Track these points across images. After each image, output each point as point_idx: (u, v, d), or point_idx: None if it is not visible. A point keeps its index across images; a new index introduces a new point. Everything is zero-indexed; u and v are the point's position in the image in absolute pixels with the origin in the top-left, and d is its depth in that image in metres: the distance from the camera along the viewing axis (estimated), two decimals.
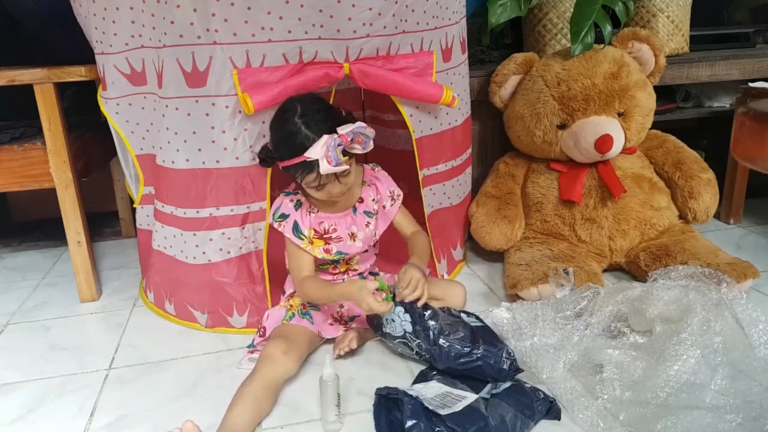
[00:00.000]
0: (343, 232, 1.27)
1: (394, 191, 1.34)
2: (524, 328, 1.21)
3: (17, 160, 1.49)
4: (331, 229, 1.26)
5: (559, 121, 1.55)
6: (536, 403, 1.04)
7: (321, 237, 1.26)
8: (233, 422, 1.01)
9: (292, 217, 1.25)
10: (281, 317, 1.26)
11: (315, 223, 1.26)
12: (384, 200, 1.32)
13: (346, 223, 1.28)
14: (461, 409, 0.97)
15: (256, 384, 1.07)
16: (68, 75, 1.43)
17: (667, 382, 1.01)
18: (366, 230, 1.29)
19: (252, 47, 1.19)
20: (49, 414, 1.13)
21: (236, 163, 1.27)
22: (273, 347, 1.14)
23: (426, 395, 1.00)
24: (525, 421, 1.01)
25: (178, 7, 1.17)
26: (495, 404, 1.02)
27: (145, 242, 1.50)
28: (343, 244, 1.27)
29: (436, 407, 0.96)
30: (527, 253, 1.52)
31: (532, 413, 1.03)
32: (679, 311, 1.15)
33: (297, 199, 1.27)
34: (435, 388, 1.05)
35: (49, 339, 1.41)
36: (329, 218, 1.27)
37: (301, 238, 1.24)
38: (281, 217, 1.25)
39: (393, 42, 1.29)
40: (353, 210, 1.29)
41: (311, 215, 1.26)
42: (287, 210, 1.25)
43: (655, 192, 1.59)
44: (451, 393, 1.03)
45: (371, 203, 1.31)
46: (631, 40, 1.58)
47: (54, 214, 1.56)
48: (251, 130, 1.25)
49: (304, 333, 1.23)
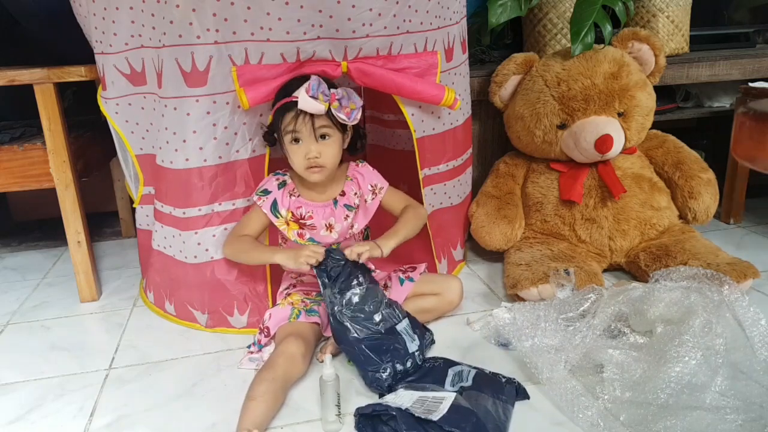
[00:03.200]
0: (319, 222, 1.28)
1: (376, 185, 1.34)
2: (525, 328, 1.21)
3: (17, 160, 1.49)
4: (307, 215, 1.27)
5: (559, 121, 1.55)
6: (506, 387, 1.07)
7: (297, 221, 1.28)
8: (258, 416, 1.01)
9: (273, 194, 1.27)
10: (286, 316, 1.26)
11: (293, 205, 1.27)
12: (365, 194, 1.33)
13: (325, 213, 1.28)
14: (448, 409, 0.97)
15: (278, 383, 1.07)
16: (68, 75, 1.43)
17: (668, 384, 1.01)
18: (344, 223, 1.30)
19: (250, 45, 1.20)
20: (48, 414, 1.13)
21: (237, 157, 1.28)
22: (294, 347, 1.14)
23: (404, 405, 1.00)
24: (505, 405, 1.03)
25: (177, 6, 1.17)
26: (473, 396, 1.03)
27: (145, 242, 1.50)
28: (317, 233, 1.28)
29: (423, 414, 0.96)
30: (527, 253, 1.52)
31: (507, 397, 1.05)
32: (681, 313, 1.15)
33: (282, 180, 1.29)
34: (407, 395, 1.04)
35: (49, 339, 1.41)
36: (308, 205, 1.28)
37: (277, 216, 1.26)
38: (263, 192, 1.28)
39: (394, 42, 1.29)
40: (334, 202, 1.30)
41: (292, 198, 1.28)
42: (270, 187, 1.28)
43: (655, 192, 1.59)
44: (426, 397, 1.03)
45: (353, 197, 1.31)
46: (631, 40, 1.58)
47: (54, 214, 1.56)
48: (249, 123, 1.27)
49: (314, 332, 1.25)
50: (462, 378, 1.11)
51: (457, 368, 1.14)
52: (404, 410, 0.97)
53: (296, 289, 1.35)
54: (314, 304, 1.30)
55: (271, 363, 1.11)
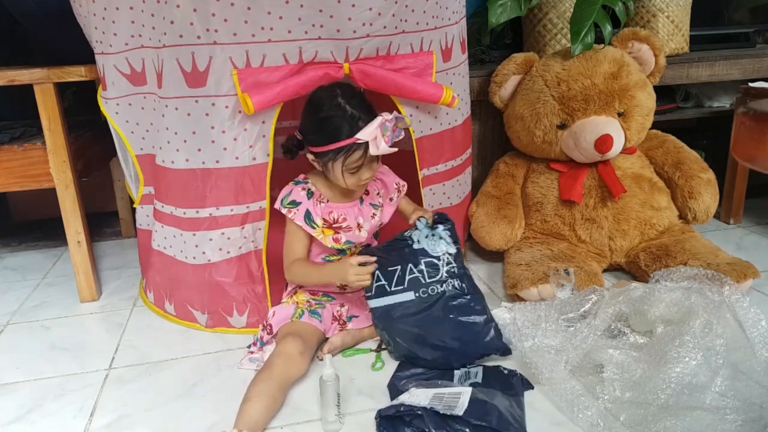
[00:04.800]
0: (352, 222, 1.29)
1: (399, 183, 1.38)
2: (525, 328, 1.21)
3: (17, 160, 1.49)
4: (341, 218, 1.28)
5: (559, 121, 1.55)
6: (512, 380, 1.09)
7: (330, 227, 1.27)
8: (252, 417, 1.01)
9: (305, 205, 1.25)
10: (289, 315, 1.26)
11: (325, 213, 1.27)
12: (391, 192, 1.36)
13: (354, 213, 1.29)
14: (469, 402, 0.98)
15: (274, 383, 1.07)
16: (68, 75, 1.43)
17: (668, 384, 1.01)
18: (372, 221, 1.31)
19: (252, 47, 1.19)
20: (48, 414, 1.13)
21: (236, 163, 1.27)
22: (291, 346, 1.14)
23: (423, 402, 1.00)
24: (517, 399, 1.05)
25: (177, 7, 1.17)
26: (486, 392, 1.04)
27: (145, 242, 1.50)
28: (352, 233, 1.29)
29: (446, 410, 0.96)
30: (527, 253, 1.52)
31: (515, 391, 1.06)
32: (681, 313, 1.15)
33: (308, 188, 1.27)
34: (422, 394, 1.04)
35: (49, 339, 1.41)
36: (338, 208, 1.28)
37: (314, 227, 1.25)
38: (291, 204, 1.25)
39: (393, 42, 1.29)
40: (360, 201, 1.31)
41: (321, 205, 1.27)
42: (299, 198, 1.26)
43: (655, 192, 1.59)
44: (443, 393, 1.03)
45: (376, 196, 1.34)
46: (631, 40, 1.58)
47: (54, 214, 1.56)
48: (251, 129, 1.25)
49: (314, 332, 1.24)
50: (470, 376, 1.12)
51: (461, 369, 1.16)
52: (429, 409, 0.97)
53: (303, 289, 1.35)
54: (319, 306, 1.30)
55: (268, 363, 1.12)
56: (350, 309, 1.33)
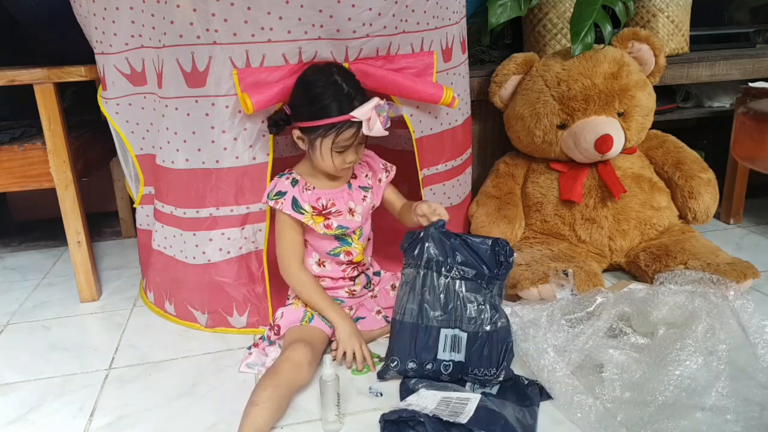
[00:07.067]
0: (342, 206, 1.27)
1: (386, 163, 1.36)
2: (527, 328, 1.21)
3: (17, 160, 1.49)
4: (330, 203, 1.26)
5: (559, 121, 1.55)
6: (529, 390, 1.07)
7: (320, 213, 1.26)
8: (259, 424, 1.00)
9: (290, 193, 1.24)
10: (299, 318, 1.25)
11: (312, 199, 1.25)
12: (379, 173, 1.34)
13: (344, 198, 1.28)
14: (475, 410, 0.97)
15: (282, 390, 1.06)
16: (68, 75, 1.43)
17: (666, 386, 1.01)
18: (363, 204, 1.30)
19: (251, 47, 1.19)
20: (49, 414, 1.13)
21: (236, 163, 1.27)
22: (301, 354, 1.12)
23: (429, 407, 0.99)
24: (531, 409, 1.03)
25: (177, 7, 1.17)
26: (497, 403, 1.02)
27: (145, 242, 1.50)
28: (343, 218, 1.27)
29: (450, 417, 0.95)
30: (527, 253, 1.52)
31: (531, 402, 1.05)
32: (684, 317, 1.15)
33: (292, 178, 1.26)
34: (430, 396, 1.04)
35: (49, 339, 1.41)
36: (326, 194, 1.27)
37: (302, 213, 1.24)
38: (278, 195, 1.24)
39: (393, 42, 1.29)
40: (348, 185, 1.30)
41: (307, 192, 1.26)
42: (284, 188, 1.25)
43: (655, 192, 1.59)
44: (450, 398, 1.03)
45: (365, 179, 1.32)
46: (631, 40, 1.58)
47: (54, 214, 1.56)
48: (251, 129, 1.25)
49: (323, 338, 1.23)
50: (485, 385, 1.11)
51: None
52: (432, 416, 0.96)
53: None
54: None
55: (276, 369, 1.10)
56: (357, 310, 1.33)
